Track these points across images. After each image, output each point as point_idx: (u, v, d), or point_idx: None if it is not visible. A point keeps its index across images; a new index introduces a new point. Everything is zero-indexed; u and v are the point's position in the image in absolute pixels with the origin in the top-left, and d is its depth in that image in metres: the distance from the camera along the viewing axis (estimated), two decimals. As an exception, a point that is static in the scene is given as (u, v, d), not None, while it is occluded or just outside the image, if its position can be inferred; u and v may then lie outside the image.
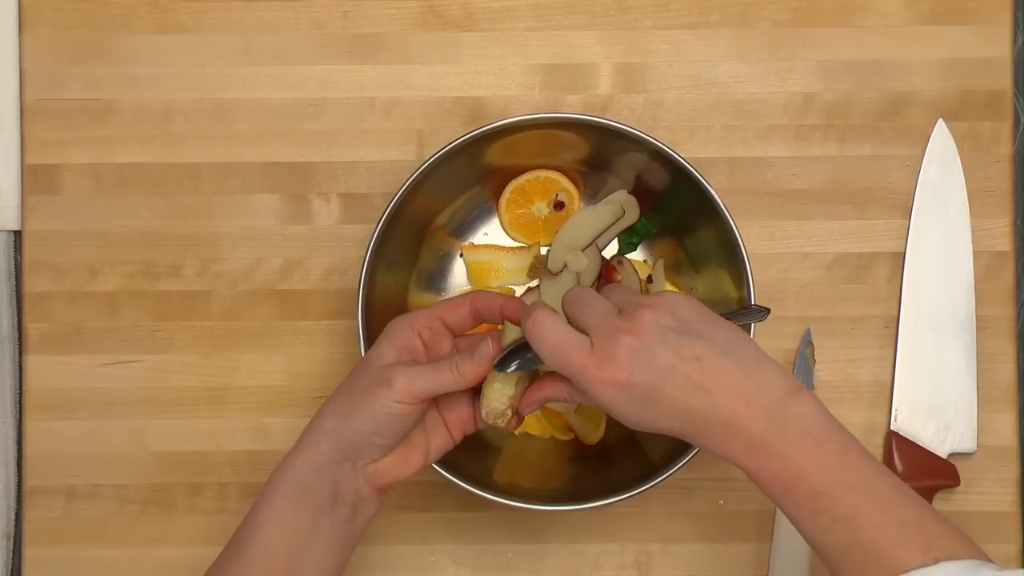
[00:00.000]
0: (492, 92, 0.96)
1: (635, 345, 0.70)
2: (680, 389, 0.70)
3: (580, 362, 0.71)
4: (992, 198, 0.95)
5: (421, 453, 0.78)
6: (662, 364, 0.70)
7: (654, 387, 0.70)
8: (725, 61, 0.96)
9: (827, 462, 0.69)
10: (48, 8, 0.95)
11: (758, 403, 0.70)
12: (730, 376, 0.70)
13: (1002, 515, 0.94)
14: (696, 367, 0.70)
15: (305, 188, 0.95)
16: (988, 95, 0.96)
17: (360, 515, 0.76)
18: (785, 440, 0.69)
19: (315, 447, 0.75)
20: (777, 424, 0.70)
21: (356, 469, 0.75)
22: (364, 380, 0.75)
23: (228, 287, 0.95)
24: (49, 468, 0.94)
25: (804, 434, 0.70)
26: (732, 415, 0.70)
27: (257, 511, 0.75)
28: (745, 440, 0.70)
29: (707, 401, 0.70)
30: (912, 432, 0.94)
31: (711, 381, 0.70)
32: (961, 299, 0.95)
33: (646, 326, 0.71)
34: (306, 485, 0.74)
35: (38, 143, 0.95)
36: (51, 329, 0.95)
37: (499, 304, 0.78)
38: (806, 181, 0.95)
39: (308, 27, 0.96)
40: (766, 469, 0.70)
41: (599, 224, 0.92)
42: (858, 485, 0.69)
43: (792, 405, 0.70)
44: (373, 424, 0.74)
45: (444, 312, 0.78)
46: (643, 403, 0.71)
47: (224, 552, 0.76)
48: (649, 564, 0.94)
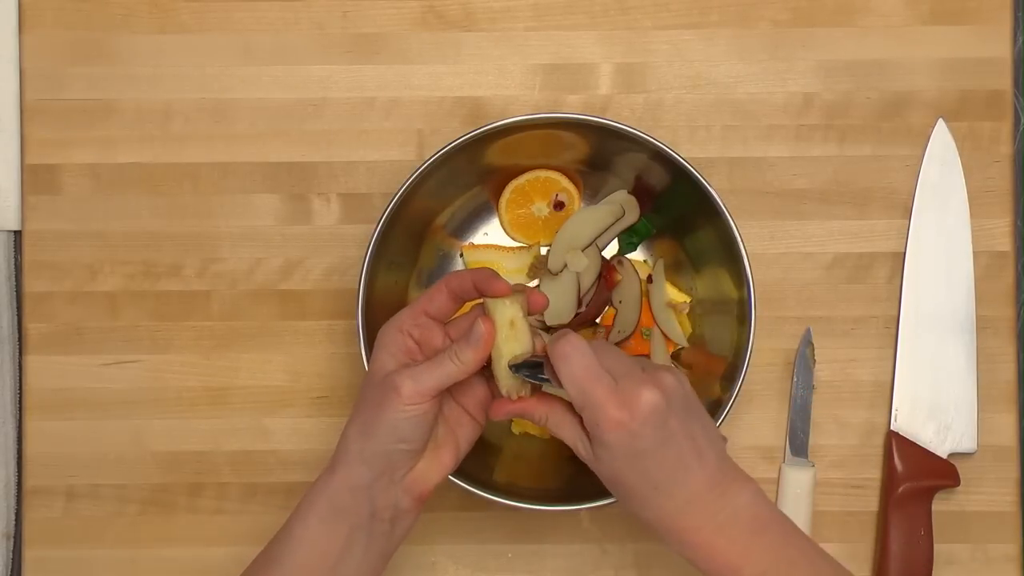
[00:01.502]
0: (492, 92, 0.96)
1: (657, 401, 0.72)
2: (671, 459, 0.73)
3: (601, 396, 0.72)
4: (992, 198, 0.95)
5: (452, 449, 0.78)
6: (669, 429, 0.73)
7: (654, 447, 0.73)
8: (725, 61, 0.96)
9: (773, 545, 0.74)
10: (48, 8, 0.95)
11: (721, 489, 0.74)
12: (708, 460, 0.74)
13: (1002, 515, 0.94)
14: (689, 444, 0.73)
15: (305, 188, 0.95)
16: (988, 95, 0.96)
17: (398, 528, 0.77)
18: (735, 524, 0.73)
19: (348, 469, 0.75)
20: (730, 508, 0.74)
21: (394, 483, 0.75)
22: (375, 394, 0.75)
23: (228, 287, 0.95)
24: (49, 468, 0.94)
25: (753, 518, 0.74)
26: (698, 495, 0.74)
27: (289, 529, 0.75)
28: (698, 521, 0.73)
29: (684, 477, 0.73)
30: (912, 432, 0.94)
31: (695, 460, 0.73)
32: (961, 299, 0.95)
33: (668, 387, 0.73)
34: (342, 505, 0.75)
35: (38, 143, 0.95)
36: (51, 329, 0.95)
37: (470, 279, 0.78)
38: (806, 181, 0.95)
39: (308, 27, 0.96)
40: (715, 550, 0.73)
41: (599, 224, 0.92)
42: (801, 563, 0.74)
43: (742, 492, 0.74)
44: (395, 433, 0.74)
45: (425, 305, 0.78)
46: (635, 455, 0.73)
47: (251, 566, 0.76)
48: (649, 564, 0.94)
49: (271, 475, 0.94)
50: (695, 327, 0.93)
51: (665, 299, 0.92)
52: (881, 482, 0.95)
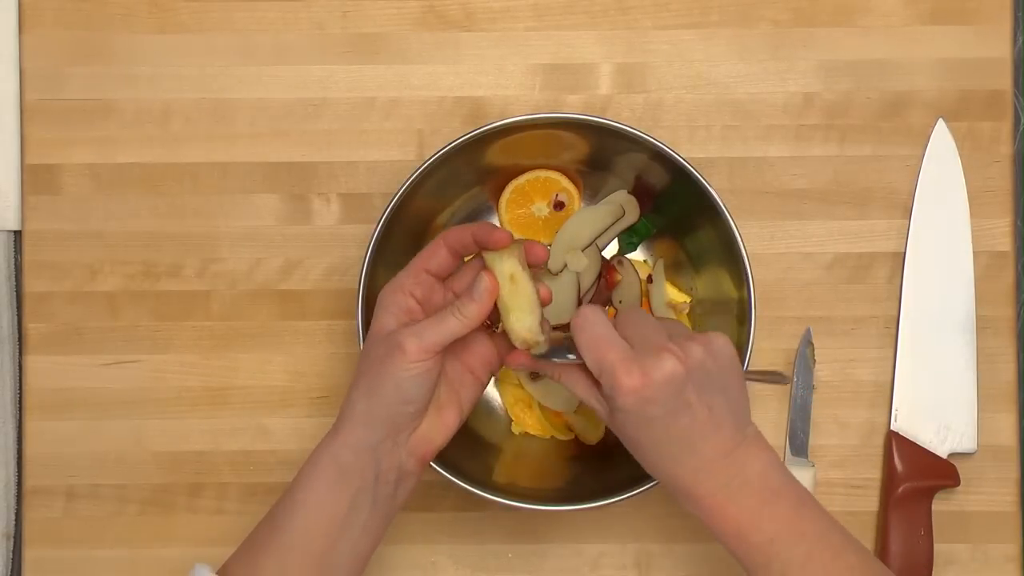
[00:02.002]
0: (492, 92, 0.96)
1: (676, 371, 0.72)
2: (685, 426, 0.73)
3: (614, 361, 0.73)
4: (992, 198, 0.95)
5: (455, 409, 0.78)
6: (685, 398, 0.73)
7: (666, 415, 0.73)
8: (725, 61, 0.96)
9: (784, 512, 0.74)
10: (48, 8, 0.95)
11: (734, 457, 0.74)
12: (725, 430, 0.74)
13: (1002, 515, 0.94)
14: (705, 416, 0.73)
15: (305, 188, 0.95)
16: (988, 95, 0.96)
17: (401, 490, 0.77)
18: (746, 490, 0.74)
19: (352, 430, 0.75)
20: (743, 474, 0.74)
21: (398, 444, 0.75)
22: (378, 354, 0.75)
23: (228, 287, 0.95)
24: (49, 468, 0.94)
25: (763, 486, 0.74)
26: (711, 462, 0.74)
27: (294, 494, 0.75)
28: (711, 485, 0.74)
29: (698, 445, 0.74)
30: (912, 432, 0.94)
31: (711, 429, 0.74)
32: (961, 299, 0.95)
33: (692, 359, 0.73)
34: (347, 468, 0.75)
35: (38, 143, 0.95)
36: (51, 329, 0.95)
37: (470, 233, 0.78)
38: (806, 181, 0.95)
39: (308, 27, 0.96)
40: (725, 515, 0.74)
41: (599, 224, 0.92)
42: (811, 534, 0.73)
43: (756, 457, 0.74)
44: (399, 393, 0.74)
45: (424, 263, 0.78)
46: (648, 421, 0.73)
47: (255, 533, 0.77)
48: (649, 564, 0.94)
49: (271, 475, 0.94)
50: (695, 327, 0.93)
51: (665, 299, 0.92)
52: (881, 482, 0.94)
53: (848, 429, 0.95)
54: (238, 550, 0.77)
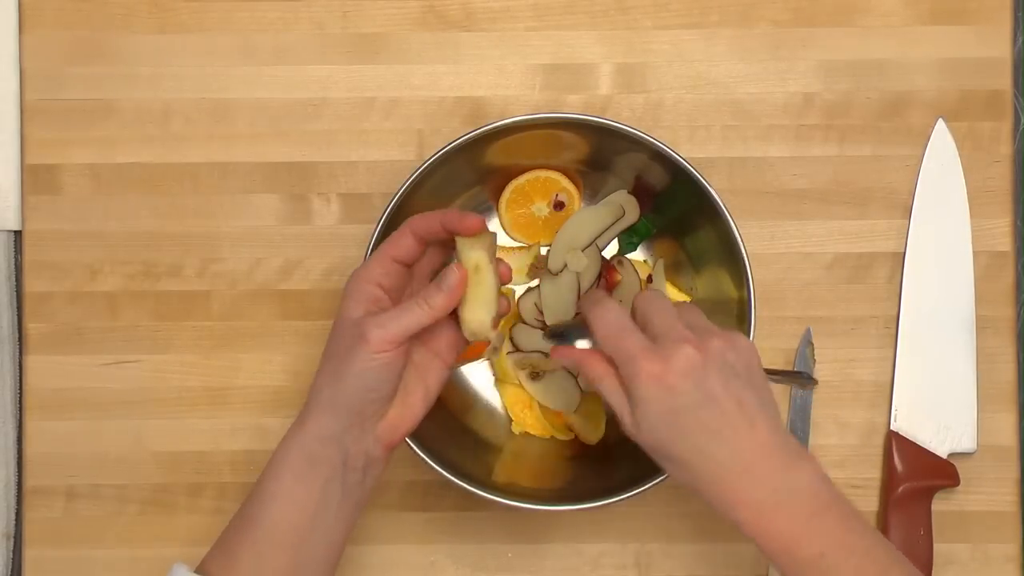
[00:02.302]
0: (492, 92, 0.96)
1: (695, 358, 0.71)
2: (714, 419, 0.71)
3: (635, 348, 0.72)
4: (992, 198, 0.95)
5: (421, 395, 0.78)
6: (709, 388, 0.71)
7: (692, 405, 0.71)
8: (725, 61, 0.96)
9: (832, 527, 0.72)
10: (48, 8, 0.95)
11: (776, 461, 0.72)
12: (761, 429, 0.72)
13: (1002, 515, 0.94)
14: (736, 408, 0.72)
15: (305, 188, 0.95)
16: (988, 95, 0.96)
17: (369, 477, 0.77)
18: (795, 502, 0.71)
19: (317, 419, 0.75)
20: (790, 485, 0.72)
21: (364, 431, 0.75)
22: (342, 342, 0.75)
23: (228, 287, 0.95)
24: (49, 468, 0.94)
25: (813, 498, 0.72)
26: (752, 465, 0.71)
27: (264, 486, 0.75)
28: (757, 495, 0.71)
29: (734, 442, 0.72)
30: (912, 432, 0.94)
31: (745, 426, 0.72)
32: (961, 299, 0.95)
33: (712, 349, 0.72)
34: (314, 457, 0.75)
35: (38, 143, 0.95)
36: (51, 329, 0.95)
37: (438, 220, 0.77)
38: (806, 181, 0.95)
39: (308, 27, 0.96)
40: (772, 528, 0.71)
41: (599, 224, 0.92)
42: (859, 549, 0.71)
43: (804, 469, 0.72)
44: (363, 381, 0.74)
45: (391, 250, 0.78)
46: (674, 413, 0.72)
47: (229, 529, 0.76)
48: (649, 564, 0.94)
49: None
50: (695, 327, 0.93)
51: (665, 299, 0.92)
52: (881, 482, 0.95)
53: (848, 429, 0.95)
54: (214, 547, 0.77)
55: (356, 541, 0.93)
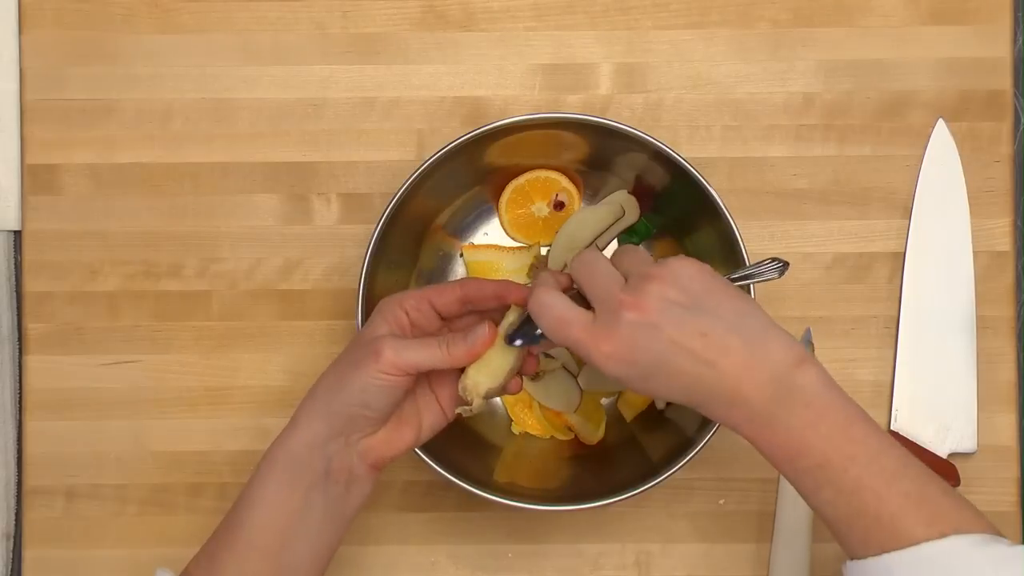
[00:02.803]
0: (492, 92, 0.96)
1: (637, 321, 0.69)
2: (685, 363, 0.70)
3: (579, 336, 0.71)
4: (992, 198, 0.95)
5: (413, 429, 0.77)
6: (665, 340, 0.69)
7: (657, 363, 0.70)
8: (725, 61, 0.96)
9: (830, 434, 0.69)
10: (48, 8, 0.95)
11: (762, 376, 0.69)
12: (735, 352, 0.70)
13: (1002, 515, 0.94)
14: (700, 342, 0.69)
15: (305, 188, 0.95)
16: (988, 95, 0.96)
17: (353, 493, 0.76)
18: (788, 412, 0.69)
19: (307, 424, 0.75)
20: (781, 397, 0.69)
21: (349, 445, 0.75)
22: (354, 354, 0.75)
23: (228, 287, 0.95)
24: (49, 468, 0.94)
25: (807, 406, 0.69)
26: (735, 389, 0.70)
27: (250, 491, 0.75)
28: (748, 412, 0.70)
29: (711, 375, 0.70)
30: (912, 432, 0.94)
31: (716, 355, 0.69)
32: (961, 299, 0.95)
33: (650, 301, 0.70)
34: (298, 462, 0.74)
35: (38, 143, 0.95)
36: (51, 329, 0.95)
37: (492, 289, 0.77)
38: (806, 181, 0.95)
39: (308, 27, 0.96)
40: (769, 441, 0.70)
41: (599, 224, 0.92)
42: (862, 457, 0.69)
43: (796, 377, 0.70)
44: (362, 396, 0.74)
45: (433, 295, 0.78)
46: (647, 377, 0.71)
47: (215, 534, 0.77)
48: (649, 564, 0.94)
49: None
50: (695, 327, 0.92)
51: (665, 299, 0.92)
52: (881, 482, 0.94)
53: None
54: (200, 551, 0.77)
55: (356, 541, 0.93)
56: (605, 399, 0.93)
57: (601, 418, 0.93)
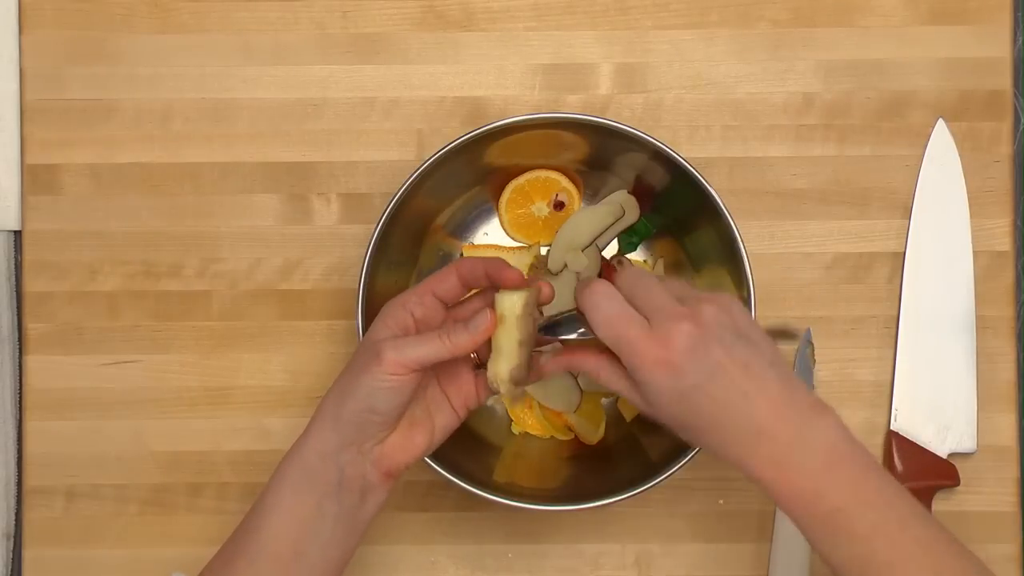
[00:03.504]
0: (492, 92, 0.96)
1: (695, 334, 0.70)
2: (723, 389, 0.71)
3: (635, 337, 0.71)
4: (992, 198, 0.95)
5: (426, 432, 0.77)
6: (714, 361, 0.70)
7: (700, 381, 0.71)
8: (725, 61, 0.96)
9: (849, 480, 0.70)
10: (48, 8, 0.95)
11: (789, 417, 0.71)
12: (772, 387, 0.71)
13: (1002, 515, 0.94)
14: (743, 373, 0.71)
15: (305, 188, 0.95)
16: (988, 95, 0.96)
17: (368, 502, 0.76)
18: (810, 456, 0.70)
19: (319, 434, 0.75)
20: (804, 439, 0.71)
21: (362, 453, 0.75)
22: (358, 360, 0.75)
23: (228, 287, 0.95)
24: (49, 468, 0.94)
25: (829, 451, 0.71)
26: (765, 425, 0.71)
27: (263, 499, 0.76)
28: (772, 452, 0.71)
29: (745, 408, 0.71)
30: (912, 432, 0.94)
31: (754, 387, 0.71)
32: (961, 299, 0.95)
33: (708, 319, 0.71)
34: (312, 472, 0.74)
35: (38, 143, 0.95)
36: (51, 329, 0.95)
37: (482, 268, 0.77)
38: (806, 181, 0.95)
39: (308, 27, 0.96)
40: (789, 483, 0.71)
41: (599, 224, 0.92)
42: (878, 504, 0.70)
43: (818, 422, 0.71)
44: (368, 400, 0.74)
45: (433, 285, 0.78)
46: (683, 394, 0.71)
47: (230, 540, 0.76)
48: (649, 564, 0.94)
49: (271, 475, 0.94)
50: (695, 327, 0.92)
51: (665, 299, 0.92)
52: (881, 482, 0.94)
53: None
54: (214, 557, 0.77)
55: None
56: (605, 399, 0.93)
57: (601, 418, 0.93)
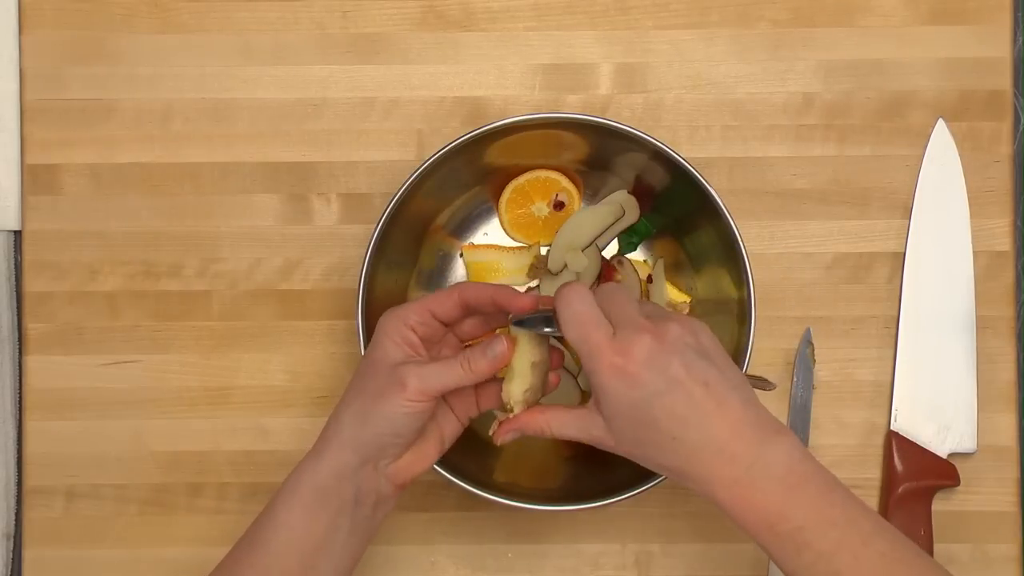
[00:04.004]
0: (492, 92, 0.96)
1: (654, 347, 0.71)
2: (681, 404, 0.71)
3: (598, 341, 0.72)
4: (992, 198, 0.95)
5: (436, 444, 0.79)
6: (672, 374, 0.71)
7: (657, 393, 0.71)
8: (725, 61, 0.96)
9: (811, 499, 0.71)
10: (48, 8, 0.95)
11: (749, 438, 0.71)
12: (732, 407, 0.72)
13: (1002, 515, 0.94)
14: (702, 390, 0.71)
15: (305, 188, 0.95)
16: (988, 95, 0.96)
17: (379, 512, 0.77)
18: (771, 476, 0.71)
19: (336, 455, 0.75)
20: (765, 460, 0.71)
21: (378, 470, 0.76)
22: (376, 383, 0.75)
23: (228, 287, 0.95)
24: (49, 468, 0.94)
25: (789, 471, 0.71)
26: (725, 445, 0.71)
27: (274, 513, 0.75)
28: (732, 472, 0.71)
29: (704, 424, 0.71)
30: (912, 432, 0.94)
31: (713, 405, 0.71)
32: (961, 299, 0.95)
33: (669, 335, 0.72)
34: (327, 491, 0.75)
35: (38, 143, 0.95)
36: (51, 329, 0.95)
37: (489, 294, 0.78)
38: (806, 181, 0.95)
39: (308, 27, 0.96)
40: (750, 504, 0.71)
41: (599, 224, 0.92)
42: (840, 521, 0.71)
43: (779, 441, 0.72)
44: (392, 427, 0.74)
45: (432, 305, 0.78)
46: (637, 405, 0.72)
47: (235, 551, 0.77)
48: (649, 564, 0.94)
49: (271, 475, 0.94)
50: (695, 327, 0.93)
51: (665, 299, 0.92)
52: (881, 482, 0.95)
53: (848, 429, 0.95)
54: (218, 567, 0.77)
55: (356, 541, 0.93)
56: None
57: (601, 418, 0.92)
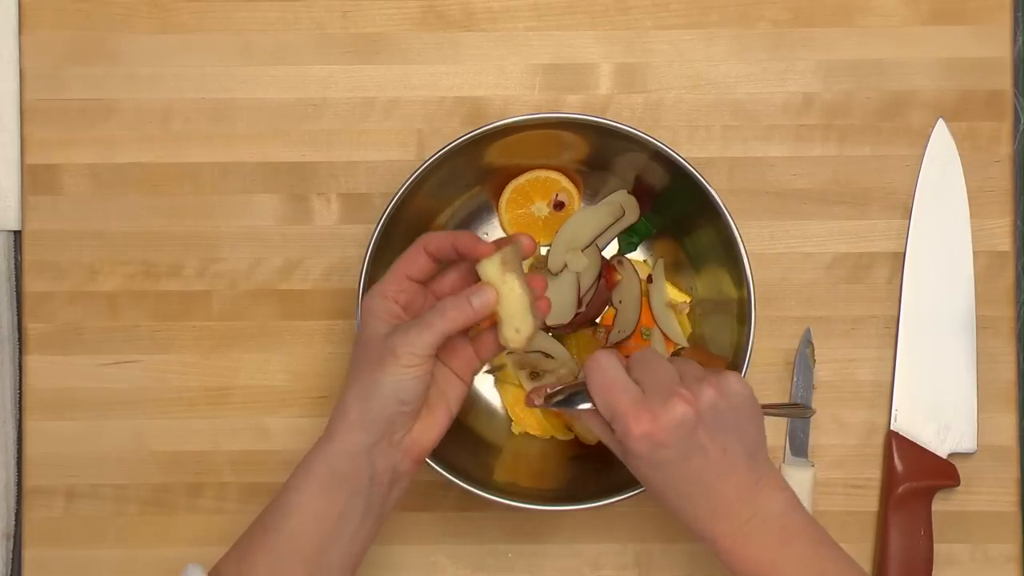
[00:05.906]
0: (492, 92, 0.96)
1: (686, 415, 0.73)
2: (697, 469, 0.74)
3: (625, 407, 0.74)
4: (992, 198, 0.95)
5: (444, 408, 0.79)
6: (697, 441, 0.74)
7: (679, 458, 0.74)
8: (725, 61, 0.96)
9: (802, 553, 0.75)
10: (48, 8, 0.95)
11: (749, 499, 0.75)
12: (741, 474, 0.75)
13: (1002, 515, 0.94)
14: (719, 457, 0.74)
15: (305, 188, 0.95)
16: (988, 95, 0.96)
17: (395, 490, 0.78)
18: (767, 531, 0.75)
19: (347, 435, 0.75)
20: (762, 516, 0.75)
21: (393, 445, 0.76)
22: (370, 358, 0.76)
23: (228, 287, 0.95)
24: (49, 468, 0.94)
25: (783, 527, 0.75)
26: (729, 504, 0.75)
27: (288, 497, 0.76)
28: (732, 526, 0.75)
29: (715, 487, 0.75)
30: (912, 432, 0.94)
31: (727, 472, 0.75)
32: (961, 299, 0.95)
33: (703, 403, 0.74)
34: (341, 472, 0.75)
35: (38, 143, 0.95)
36: (51, 329, 0.95)
37: (450, 241, 0.78)
38: (806, 181, 0.95)
39: (308, 27, 0.96)
40: (746, 555, 0.75)
41: (599, 224, 0.92)
42: (831, 572, 0.75)
43: (776, 497, 0.75)
44: (395, 395, 0.75)
45: (405, 268, 0.78)
46: (658, 466, 0.74)
47: (248, 536, 0.77)
48: (649, 564, 0.94)
49: (271, 475, 0.94)
50: (695, 327, 0.93)
51: (665, 299, 0.92)
52: (881, 482, 0.95)
53: (848, 429, 0.95)
54: (230, 550, 0.77)
55: (356, 541, 0.93)
56: (605, 399, 0.93)
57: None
